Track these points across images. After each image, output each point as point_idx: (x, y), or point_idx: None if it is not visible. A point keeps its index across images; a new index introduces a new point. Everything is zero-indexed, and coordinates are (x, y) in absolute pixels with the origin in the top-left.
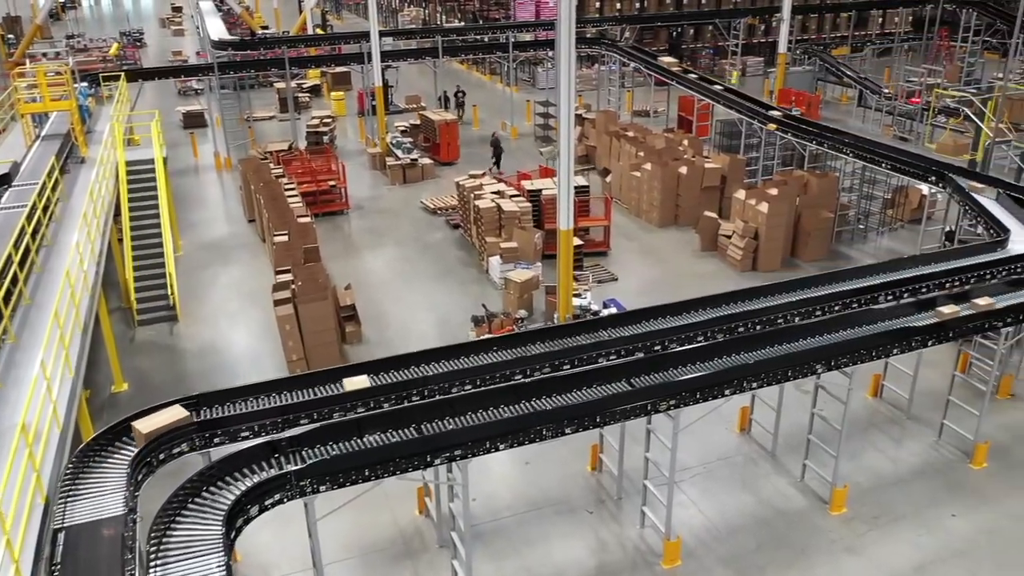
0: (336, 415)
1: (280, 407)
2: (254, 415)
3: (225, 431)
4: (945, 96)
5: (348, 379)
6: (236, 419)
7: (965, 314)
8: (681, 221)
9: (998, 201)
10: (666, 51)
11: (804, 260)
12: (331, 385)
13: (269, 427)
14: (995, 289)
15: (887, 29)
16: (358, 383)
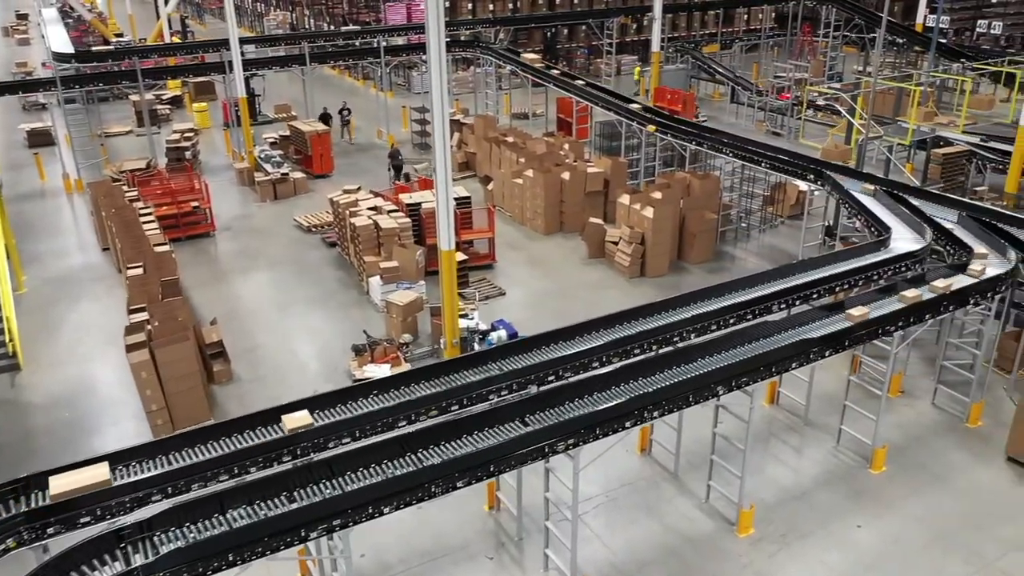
0: (195, 487)
1: (128, 484)
2: (96, 496)
3: (60, 518)
4: (815, 92)
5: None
6: (73, 502)
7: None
8: (567, 228)
9: (876, 197)
10: (541, 52)
11: (691, 263)
12: (193, 450)
13: (115, 509)
14: (887, 291)
15: (753, 26)
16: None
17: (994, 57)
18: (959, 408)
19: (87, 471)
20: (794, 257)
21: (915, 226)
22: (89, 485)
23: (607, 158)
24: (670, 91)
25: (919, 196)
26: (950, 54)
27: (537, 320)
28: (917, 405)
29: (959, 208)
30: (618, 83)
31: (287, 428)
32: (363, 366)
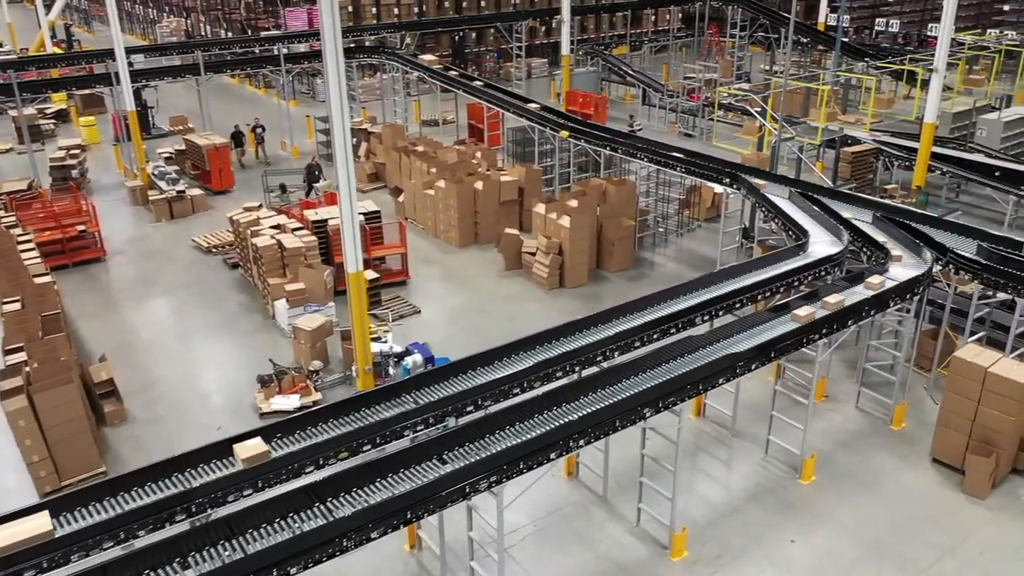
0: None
1: None
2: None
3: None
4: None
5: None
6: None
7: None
8: (482, 239)
9: (791, 200)
10: (449, 56)
11: (610, 271)
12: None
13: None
14: (810, 296)
15: (661, 26)
16: None
17: (894, 54)
18: (882, 410)
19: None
20: (713, 261)
21: (832, 228)
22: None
23: (521, 166)
24: (582, 94)
25: (832, 197)
26: (853, 52)
27: (455, 339)
28: (842, 409)
29: (872, 208)
30: (529, 86)
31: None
32: (270, 398)
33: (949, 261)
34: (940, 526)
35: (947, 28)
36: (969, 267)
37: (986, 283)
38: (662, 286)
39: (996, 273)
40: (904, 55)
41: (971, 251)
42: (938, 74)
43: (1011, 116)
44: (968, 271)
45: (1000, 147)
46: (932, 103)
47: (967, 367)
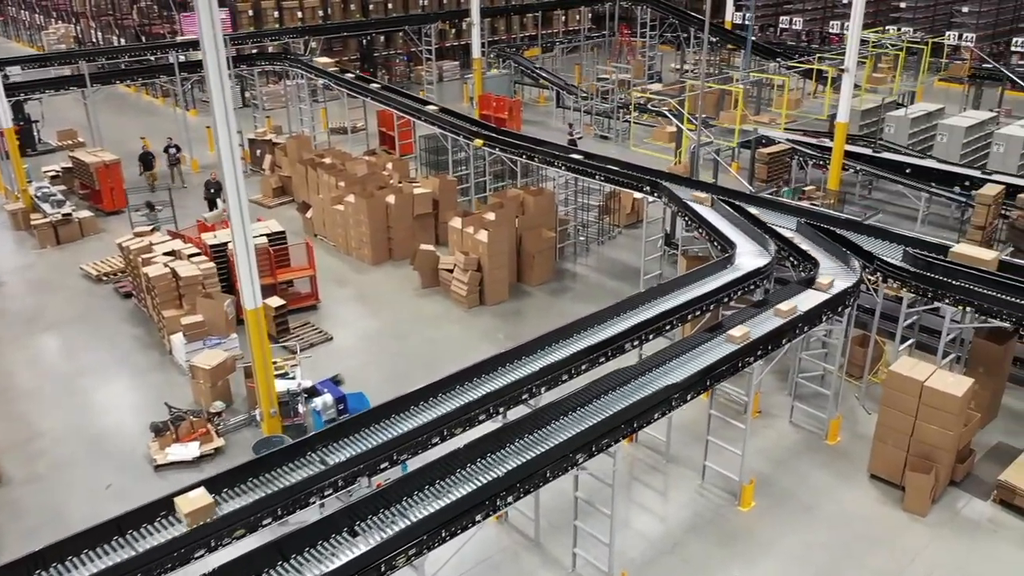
0: None
1: None
2: None
3: None
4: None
5: None
6: None
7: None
8: (397, 255)
9: (714, 208)
10: (357, 60)
11: (532, 284)
12: None
13: None
14: (742, 315)
15: (571, 27)
16: None
17: (801, 53)
18: (817, 424)
19: None
20: (636, 270)
21: (757, 238)
22: None
23: (435, 176)
24: (495, 98)
25: (754, 203)
26: (761, 52)
27: (370, 368)
28: (776, 425)
29: (794, 214)
30: (441, 90)
31: None
32: (166, 448)
33: (877, 269)
34: (885, 549)
35: (856, 28)
36: (897, 275)
37: (915, 291)
38: (586, 299)
39: (924, 280)
40: (810, 53)
41: (897, 257)
42: (849, 74)
43: (917, 112)
44: (896, 279)
45: (908, 143)
46: (844, 103)
47: (903, 381)
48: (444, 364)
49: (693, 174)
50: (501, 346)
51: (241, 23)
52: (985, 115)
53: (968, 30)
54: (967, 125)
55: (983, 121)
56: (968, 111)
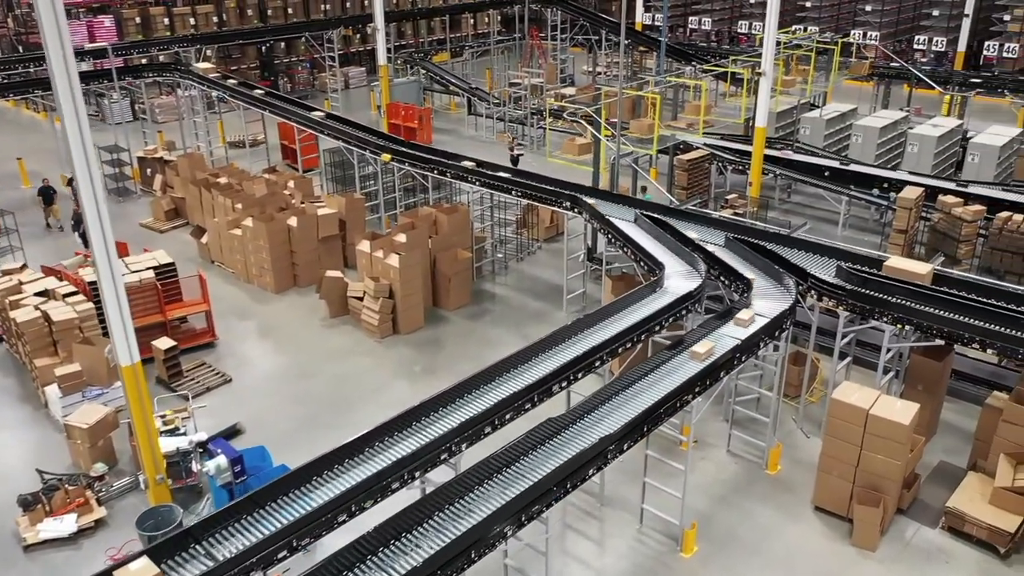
0: None
1: None
2: None
3: None
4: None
5: None
6: None
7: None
8: (302, 282)
9: (637, 224)
10: (257, 69)
11: (449, 309)
12: None
13: None
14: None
15: (481, 30)
16: None
17: (712, 54)
18: (756, 453)
19: None
20: (558, 288)
21: (685, 256)
22: None
23: (341, 195)
24: (404, 107)
25: (679, 216)
26: (673, 53)
27: (274, 412)
28: (714, 455)
29: (720, 228)
30: (347, 98)
31: None
32: (37, 524)
33: (811, 287)
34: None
35: (772, 30)
36: (833, 293)
37: (851, 309)
38: (507, 322)
39: (860, 298)
40: (722, 54)
41: (830, 272)
42: (766, 77)
43: (831, 113)
44: (832, 297)
45: (823, 145)
46: (762, 107)
47: (846, 410)
48: (356, 404)
49: (613, 186)
50: (416, 383)
51: (127, 31)
52: (897, 115)
53: (872, 28)
54: (881, 125)
55: (896, 121)
56: (880, 111)
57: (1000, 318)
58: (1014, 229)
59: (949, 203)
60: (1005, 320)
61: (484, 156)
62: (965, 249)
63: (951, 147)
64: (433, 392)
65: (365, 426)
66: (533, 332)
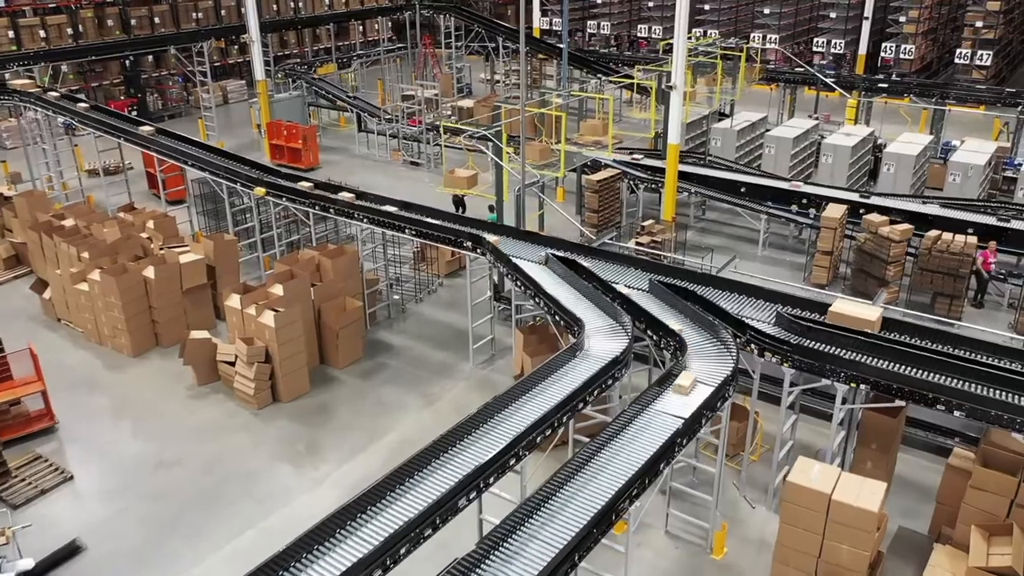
0: None
1: None
2: None
3: None
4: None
5: None
6: None
7: None
8: (165, 341)
9: (550, 268)
10: (121, 85)
11: (339, 367)
12: None
13: None
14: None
15: (370, 37)
16: None
17: (613, 60)
18: (698, 533)
19: None
20: (463, 333)
21: (607, 308)
22: None
23: (210, 236)
24: (286, 125)
25: (594, 256)
26: (574, 60)
27: (126, 519)
28: (650, 539)
29: (640, 268)
30: (226, 115)
31: None
32: None
33: (751, 341)
34: None
35: (681, 40)
36: (776, 348)
37: (798, 366)
38: (406, 381)
39: (807, 354)
40: (624, 60)
41: (769, 318)
42: (677, 91)
43: (742, 124)
44: (775, 352)
45: (735, 157)
46: (675, 122)
47: (806, 495)
48: (227, 500)
49: (519, 220)
50: (301, 466)
51: None
52: (808, 123)
53: (772, 31)
54: (793, 136)
55: (808, 130)
56: (791, 120)
57: (967, 372)
58: (944, 249)
59: (876, 222)
60: (972, 374)
61: (378, 178)
62: (894, 271)
63: (863, 156)
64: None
65: (236, 529)
66: (436, 390)
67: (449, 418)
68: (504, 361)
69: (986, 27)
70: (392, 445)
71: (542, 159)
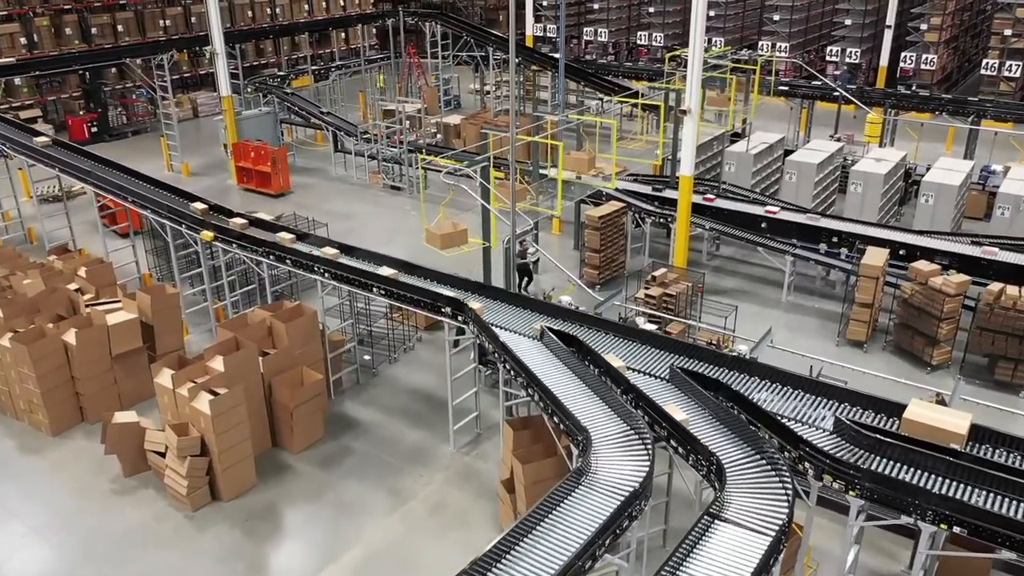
0: None
1: None
2: None
3: None
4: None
5: None
6: None
7: None
8: (93, 416)
9: (545, 345)
10: (80, 98)
11: (295, 451)
12: None
13: None
14: None
15: (353, 45)
16: None
17: (611, 71)
18: None
19: None
20: (442, 404)
21: (618, 408)
22: None
23: (149, 288)
24: (254, 146)
25: (598, 327)
26: (570, 72)
27: None
28: None
29: (653, 344)
30: (196, 130)
31: None
32: None
33: (804, 457)
34: None
35: (697, 59)
36: (840, 472)
37: (868, 497)
38: (375, 470)
39: (879, 481)
40: (624, 72)
41: (827, 426)
42: (692, 116)
43: (758, 147)
44: (838, 477)
45: (752, 183)
46: (688, 151)
47: None
48: None
49: (510, 280)
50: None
51: None
52: (831, 145)
53: (781, 39)
54: (817, 161)
55: (832, 154)
56: (814, 142)
57: None
58: (1009, 306)
59: (925, 272)
60: None
61: (354, 205)
62: (947, 328)
63: (895, 183)
64: None
65: None
66: (408, 484)
67: (424, 525)
68: (491, 443)
69: (1015, 35)
70: (354, 566)
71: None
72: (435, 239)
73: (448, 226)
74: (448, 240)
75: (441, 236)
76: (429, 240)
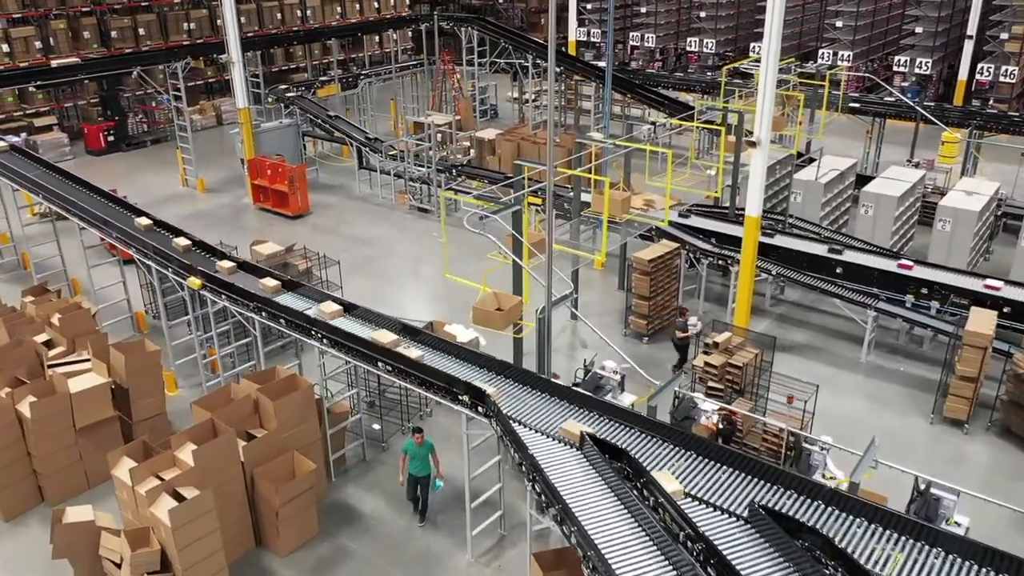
0: None
1: None
2: None
3: None
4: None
5: None
6: None
7: None
8: (53, 497)
9: (585, 454)
10: (97, 105)
11: (281, 554)
12: None
13: None
14: None
15: (387, 49)
16: None
17: (660, 82)
18: None
19: None
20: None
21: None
22: None
23: (123, 344)
24: (271, 163)
25: (653, 431)
26: (616, 83)
27: None
28: None
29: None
30: (219, 138)
31: None
32: None
33: None
34: None
35: (771, 81)
36: None
37: None
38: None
39: None
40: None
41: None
42: (762, 147)
43: (829, 175)
44: None
45: (821, 216)
46: (756, 188)
47: None
48: None
49: (543, 361)
50: None
51: None
52: (912, 173)
53: (844, 47)
54: (899, 193)
55: (913, 185)
56: (891, 170)
57: None
58: None
59: None
60: None
61: (376, 228)
62: None
63: (987, 220)
64: None
65: None
66: None
67: None
68: (518, 551)
69: None
70: None
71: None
72: (489, 319)
73: (492, 300)
74: (506, 318)
75: (498, 315)
76: (478, 320)
